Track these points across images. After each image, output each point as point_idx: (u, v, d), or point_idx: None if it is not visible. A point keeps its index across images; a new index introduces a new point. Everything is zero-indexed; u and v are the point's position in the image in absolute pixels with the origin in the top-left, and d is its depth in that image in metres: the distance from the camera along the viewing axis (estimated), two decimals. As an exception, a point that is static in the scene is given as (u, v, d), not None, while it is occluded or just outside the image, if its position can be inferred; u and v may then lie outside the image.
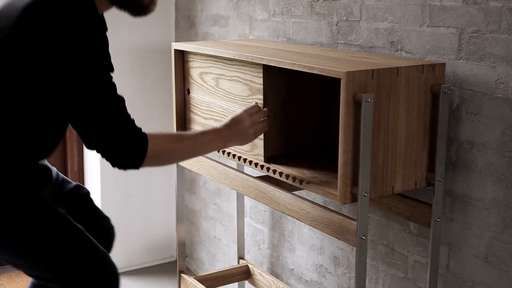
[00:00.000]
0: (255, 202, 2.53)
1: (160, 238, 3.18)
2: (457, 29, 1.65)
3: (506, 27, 1.54)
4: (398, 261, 1.92)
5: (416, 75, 1.58)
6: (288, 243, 2.38)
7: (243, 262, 2.49)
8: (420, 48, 1.75)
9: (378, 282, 2.00)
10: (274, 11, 2.26)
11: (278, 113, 1.84)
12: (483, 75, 1.61)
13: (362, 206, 1.51)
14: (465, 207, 1.70)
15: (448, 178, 1.72)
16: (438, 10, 1.69)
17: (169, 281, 2.99)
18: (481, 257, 1.67)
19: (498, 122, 1.59)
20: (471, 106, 1.65)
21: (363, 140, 1.48)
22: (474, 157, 1.66)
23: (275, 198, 1.78)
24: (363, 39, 1.92)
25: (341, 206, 2.04)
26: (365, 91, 1.48)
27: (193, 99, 2.11)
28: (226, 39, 2.54)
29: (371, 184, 1.54)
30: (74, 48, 1.46)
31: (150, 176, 3.09)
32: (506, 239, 1.60)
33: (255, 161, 1.83)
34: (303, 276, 2.32)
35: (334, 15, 2.01)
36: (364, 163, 1.49)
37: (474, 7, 1.61)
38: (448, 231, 1.75)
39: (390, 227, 1.93)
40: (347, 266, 2.11)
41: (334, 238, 1.63)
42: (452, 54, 1.68)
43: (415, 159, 1.62)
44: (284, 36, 2.23)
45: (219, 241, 2.84)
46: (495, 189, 1.61)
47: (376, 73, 1.50)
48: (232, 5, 2.48)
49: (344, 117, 1.47)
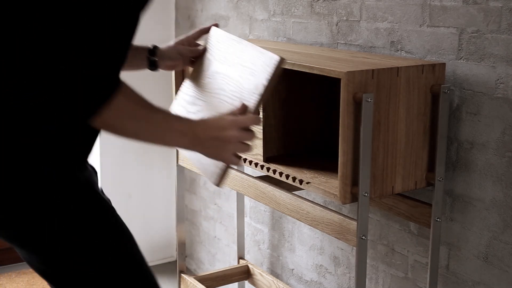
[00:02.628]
0: (255, 202, 2.53)
1: (160, 238, 3.18)
2: (457, 29, 1.65)
3: (506, 27, 1.54)
4: (398, 261, 1.92)
5: (416, 75, 1.58)
6: (288, 243, 2.38)
7: (243, 262, 2.49)
8: (420, 48, 1.75)
9: (378, 282, 2.00)
10: (274, 11, 2.26)
11: (278, 113, 1.84)
12: (483, 75, 1.61)
13: (362, 206, 1.51)
14: (465, 207, 1.70)
15: (448, 178, 1.72)
16: (438, 10, 1.69)
17: (169, 281, 2.99)
18: (481, 257, 1.67)
19: (498, 122, 1.59)
20: (471, 106, 1.65)
21: (363, 140, 1.48)
22: (474, 157, 1.66)
23: (275, 198, 1.78)
24: (363, 39, 1.92)
25: (341, 206, 2.04)
26: (365, 91, 1.48)
27: (193, 99, 2.11)
28: (226, 39, 2.54)
29: (371, 184, 1.54)
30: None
31: (150, 176, 3.09)
32: (506, 239, 1.60)
33: (255, 161, 1.83)
34: (303, 276, 2.32)
35: (334, 15, 2.01)
36: (364, 163, 1.49)
37: (474, 7, 1.61)
38: (448, 231, 1.75)
39: (390, 227, 1.93)
40: (347, 266, 2.11)
41: (334, 238, 1.63)
42: (452, 54, 1.68)
43: (415, 159, 1.62)
44: (284, 36, 2.23)
45: (219, 241, 2.84)
46: (495, 189, 1.61)
47: (376, 73, 1.50)
48: (232, 5, 2.48)
49: (344, 117, 1.47)
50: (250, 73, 1.44)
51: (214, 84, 1.58)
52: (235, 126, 1.33)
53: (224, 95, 1.50)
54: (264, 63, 1.40)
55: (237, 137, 1.33)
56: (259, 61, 1.42)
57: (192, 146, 1.32)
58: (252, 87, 1.40)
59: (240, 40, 1.57)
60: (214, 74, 1.61)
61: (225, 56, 1.59)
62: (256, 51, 1.46)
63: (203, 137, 1.31)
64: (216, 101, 1.53)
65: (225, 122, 1.33)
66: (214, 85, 1.58)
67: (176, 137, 1.31)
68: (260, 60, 1.42)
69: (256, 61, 1.43)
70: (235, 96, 1.46)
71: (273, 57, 1.38)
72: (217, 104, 1.52)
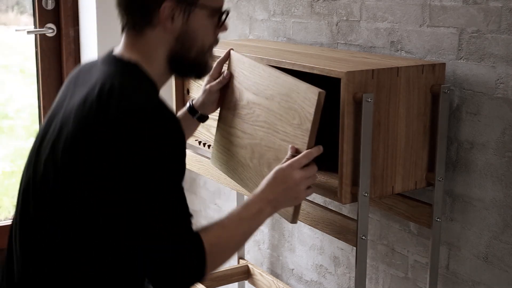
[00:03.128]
0: (255, 202, 2.53)
1: (160, 238, 3.17)
2: (457, 29, 1.65)
3: (506, 27, 1.54)
4: (398, 261, 1.92)
5: (416, 75, 1.58)
6: (288, 243, 2.38)
7: (243, 262, 2.49)
8: (420, 48, 1.75)
9: (378, 282, 2.00)
10: (274, 11, 2.26)
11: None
12: (483, 75, 1.61)
13: (362, 206, 1.51)
14: (465, 207, 1.70)
15: (448, 178, 1.72)
16: (438, 10, 1.69)
17: (169, 281, 2.98)
18: (481, 257, 1.67)
19: (498, 122, 1.59)
20: (471, 106, 1.65)
21: (363, 140, 1.48)
22: (474, 157, 1.66)
23: (275, 198, 1.78)
24: (363, 39, 1.92)
25: (341, 206, 2.04)
26: (365, 91, 1.48)
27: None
28: (226, 39, 2.54)
29: (371, 184, 1.54)
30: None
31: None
32: (506, 239, 1.60)
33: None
34: (303, 276, 2.32)
35: (334, 15, 2.01)
36: (364, 163, 1.49)
37: (474, 7, 1.61)
38: (448, 231, 1.75)
39: (390, 227, 1.93)
40: (347, 266, 2.11)
41: (334, 238, 1.63)
42: (452, 54, 1.68)
43: (415, 159, 1.62)
44: (284, 36, 2.23)
45: (219, 241, 2.84)
46: (495, 189, 1.61)
47: (376, 73, 1.50)
48: (232, 5, 2.48)
49: (344, 117, 1.47)
50: (290, 107, 1.48)
51: (254, 117, 1.62)
52: (294, 169, 1.41)
53: (268, 128, 1.56)
54: (304, 98, 1.43)
55: (301, 177, 1.41)
56: (298, 97, 1.46)
57: (274, 210, 1.42)
58: (296, 122, 1.46)
59: (264, 67, 1.60)
60: (251, 106, 1.63)
61: (257, 87, 1.61)
62: (291, 83, 1.49)
63: (277, 197, 1.40)
64: (262, 134, 1.58)
65: (285, 171, 1.41)
66: (255, 118, 1.62)
67: (259, 219, 1.40)
68: (300, 95, 1.45)
69: (294, 96, 1.47)
70: (280, 130, 1.51)
71: (314, 92, 1.41)
72: (263, 136, 1.57)
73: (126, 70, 1.35)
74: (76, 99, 1.33)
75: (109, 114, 1.25)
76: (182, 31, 1.38)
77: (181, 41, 1.39)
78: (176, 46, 1.39)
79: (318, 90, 1.40)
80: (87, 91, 1.31)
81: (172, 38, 1.38)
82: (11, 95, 3.11)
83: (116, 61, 1.38)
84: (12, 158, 3.13)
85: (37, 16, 2.81)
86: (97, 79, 1.32)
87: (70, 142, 1.28)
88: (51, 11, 2.82)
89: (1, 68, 3.05)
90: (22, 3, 2.95)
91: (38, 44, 2.84)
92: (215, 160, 1.77)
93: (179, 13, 1.36)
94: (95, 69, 1.38)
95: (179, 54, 1.40)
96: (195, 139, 2.10)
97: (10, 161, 3.13)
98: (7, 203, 3.10)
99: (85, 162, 1.26)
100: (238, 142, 1.68)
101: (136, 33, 1.38)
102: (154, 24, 1.36)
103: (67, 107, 1.35)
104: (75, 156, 1.27)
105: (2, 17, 2.97)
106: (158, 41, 1.38)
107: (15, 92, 3.12)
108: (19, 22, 3.00)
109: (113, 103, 1.26)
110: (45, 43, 2.84)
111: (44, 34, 2.83)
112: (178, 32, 1.38)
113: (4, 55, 3.04)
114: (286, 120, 1.50)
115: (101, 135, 1.24)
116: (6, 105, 3.12)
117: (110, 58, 1.39)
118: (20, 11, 2.99)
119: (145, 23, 1.37)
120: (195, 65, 1.44)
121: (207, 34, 1.42)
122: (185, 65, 1.42)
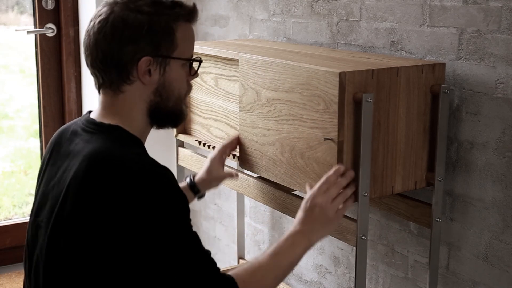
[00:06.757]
0: (255, 202, 2.53)
1: (160, 238, 3.17)
2: (457, 29, 1.65)
3: (506, 27, 1.54)
4: (398, 261, 1.92)
5: (416, 75, 1.58)
6: (288, 243, 2.38)
7: (243, 262, 2.49)
8: (420, 48, 1.75)
9: (378, 282, 2.00)
10: (274, 11, 2.26)
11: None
12: (483, 75, 1.61)
13: (362, 206, 1.51)
14: (465, 207, 1.70)
15: (448, 178, 1.72)
16: (438, 10, 1.69)
17: (169, 281, 2.98)
18: (481, 257, 1.67)
19: (498, 122, 1.59)
20: (471, 106, 1.65)
21: (363, 140, 1.48)
22: (474, 157, 1.66)
23: (275, 198, 1.79)
24: (363, 39, 1.92)
25: (341, 206, 2.04)
26: (365, 91, 1.48)
27: (193, 99, 2.11)
28: (226, 39, 2.54)
29: (371, 184, 1.54)
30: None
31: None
32: (506, 239, 1.60)
33: (255, 161, 1.84)
34: (303, 276, 2.32)
35: (334, 15, 2.01)
36: (364, 163, 1.49)
37: (474, 7, 1.61)
38: (448, 231, 1.75)
39: (390, 227, 1.93)
40: (347, 266, 2.11)
41: (334, 238, 1.63)
42: (452, 54, 1.68)
43: (415, 159, 1.62)
44: (284, 36, 2.23)
45: (219, 241, 2.84)
46: (495, 189, 1.61)
47: (376, 73, 1.50)
48: (232, 5, 2.48)
49: (344, 117, 1.47)
50: (312, 94, 1.52)
51: (277, 112, 1.66)
52: (316, 197, 1.46)
53: (294, 119, 1.60)
54: (325, 82, 1.48)
55: (325, 201, 1.45)
56: (319, 82, 1.50)
57: (310, 241, 1.46)
58: (322, 107, 1.49)
59: (278, 61, 1.63)
60: (271, 102, 1.67)
61: (274, 83, 1.65)
62: (308, 71, 1.53)
63: (309, 229, 1.45)
64: (288, 127, 1.62)
65: (310, 201, 1.46)
66: (277, 113, 1.65)
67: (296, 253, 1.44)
68: (320, 80, 1.50)
69: (314, 82, 1.52)
70: (307, 118, 1.55)
71: (334, 73, 1.44)
72: (290, 129, 1.62)
73: (111, 136, 1.37)
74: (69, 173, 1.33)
75: (108, 184, 1.27)
76: (160, 83, 1.41)
77: (159, 93, 1.41)
78: (155, 98, 1.42)
79: (339, 71, 1.43)
80: (78, 165, 1.32)
81: (150, 91, 1.41)
82: (11, 95, 3.12)
83: (98, 128, 1.39)
84: (12, 158, 3.14)
85: (37, 16, 2.81)
86: (85, 151, 1.34)
87: (75, 219, 1.30)
88: (51, 11, 2.83)
89: (1, 68, 3.06)
90: (22, 3, 2.95)
91: (38, 44, 2.84)
92: (245, 163, 1.81)
93: (155, 66, 1.38)
94: (78, 138, 1.40)
95: (158, 106, 1.43)
96: (195, 139, 2.10)
97: (10, 161, 3.13)
98: (7, 203, 3.10)
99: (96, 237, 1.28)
100: (265, 140, 1.71)
101: (113, 92, 1.40)
102: (132, 80, 1.39)
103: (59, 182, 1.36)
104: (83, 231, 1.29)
105: (2, 17, 2.97)
106: (137, 96, 1.40)
107: (15, 92, 3.12)
108: (19, 22, 3.00)
109: (109, 172, 1.28)
110: (45, 43, 2.84)
111: (44, 34, 2.83)
112: (156, 85, 1.41)
113: (4, 55, 3.05)
114: (311, 108, 1.53)
115: (104, 204, 1.27)
116: (6, 105, 3.12)
117: (91, 124, 1.40)
118: (20, 11, 2.99)
119: (122, 80, 1.38)
120: (172, 114, 1.47)
121: (182, 83, 1.45)
122: (164, 115, 1.45)
